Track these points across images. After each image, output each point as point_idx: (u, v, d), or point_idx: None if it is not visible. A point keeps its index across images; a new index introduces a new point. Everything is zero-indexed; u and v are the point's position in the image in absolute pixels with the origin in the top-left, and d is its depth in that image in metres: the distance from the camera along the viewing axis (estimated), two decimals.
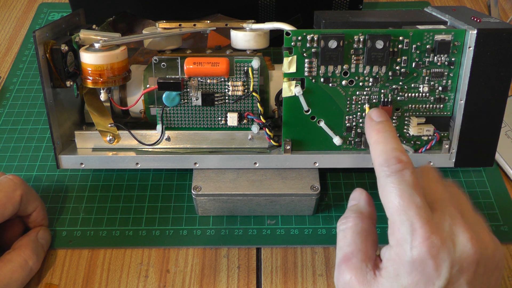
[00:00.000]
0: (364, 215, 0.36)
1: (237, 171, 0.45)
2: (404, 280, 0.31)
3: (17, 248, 0.40)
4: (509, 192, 0.48)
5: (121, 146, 0.45)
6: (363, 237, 0.35)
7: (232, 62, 0.42)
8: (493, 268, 0.32)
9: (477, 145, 0.43)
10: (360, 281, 0.33)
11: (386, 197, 0.33)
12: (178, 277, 0.42)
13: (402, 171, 0.33)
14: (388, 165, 0.33)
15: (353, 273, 0.33)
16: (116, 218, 0.46)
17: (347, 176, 0.49)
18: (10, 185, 0.40)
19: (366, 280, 0.33)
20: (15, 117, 0.55)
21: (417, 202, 0.32)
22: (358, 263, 0.34)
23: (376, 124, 0.37)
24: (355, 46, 0.40)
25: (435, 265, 0.30)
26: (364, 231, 0.35)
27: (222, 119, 0.44)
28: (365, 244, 0.35)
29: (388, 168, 0.33)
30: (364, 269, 0.33)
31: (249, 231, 0.45)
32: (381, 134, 0.36)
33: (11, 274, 0.38)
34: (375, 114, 0.38)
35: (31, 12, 0.70)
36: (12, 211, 0.40)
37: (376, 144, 0.35)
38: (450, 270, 0.30)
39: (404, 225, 0.31)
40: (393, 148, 0.34)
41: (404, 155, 0.33)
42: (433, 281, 0.30)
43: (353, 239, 0.35)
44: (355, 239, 0.35)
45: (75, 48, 0.44)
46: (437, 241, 0.31)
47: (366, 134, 0.38)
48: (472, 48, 0.40)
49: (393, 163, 0.33)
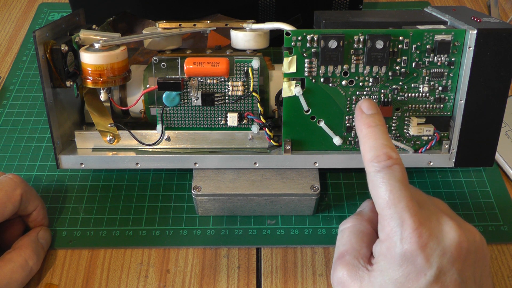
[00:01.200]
0: (364, 218, 0.37)
1: (237, 171, 0.45)
2: (395, 274, 0.31)
3: (17, 248, 0.40)
4: (509, 192, 0.48)
5: (121, 146, 0.45)
6: (358, 237, 0.36)
7: (232, 62, 0.42)
8: (482, 257, 0.33)
9: (477, 145, 0.43)
10: (352, 276, 0.33)
11: (375, 192, 0.33)
12: (178, 277, 0.42)
13: (391, 166, 0.33)
14: (378, 161, 0.33)
15: (346, 269, 0.34)
16: (116, 218, 0.46)
17: (347, 176, 0.49)
18: (10, 184, 0.40)
19: (358, 275, 0.33)
20: (15, 117, 0.55)
21: (406, 196, 0.32)
22: (351, 259, 0.34)
23: (367, 117, 0.36)
24: (355, 46, 0.40)
25: (425, 256, 0.31)
26: (360, 232, 0.36)
27: (222, 119, 0.44)
28: (360, 243, 0.35)
29: (378, 164, 0.33)
30: (356, 265, 0.34)
31: (249, 231, 0.45)
32: (371, 128, 0.36)
33: (11, 274, 0.38)
34: (365, 106, 0.37)
35: (31, 12, 0.70)
36: (12, 210, 0.40)
37: (366, 139, 0.35)
38: (440, 259, 0.31)
39: (394, 218, 0.32)
40: (383, 144, 0.34)
41: (394, 151, 0.34)
42: (424, 271, 0.31)
43: (349, 238, 0.36)
44: (351, 238, 0.36)
45: (75, 48, 0.44)
46: (425, 231, 0.31)
47: (356, 126, 0.37)
48: (472, 48, 0.40)
49: (383, 159, 0.33)
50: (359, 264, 0.34)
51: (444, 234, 0.32)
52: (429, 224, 0.32)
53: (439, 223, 0.32)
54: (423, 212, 0.32)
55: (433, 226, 0.32)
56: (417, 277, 0.31)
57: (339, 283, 0.34)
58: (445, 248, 0.31)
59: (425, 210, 0.33)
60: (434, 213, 0.33)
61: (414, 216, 0.31)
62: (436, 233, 0.31)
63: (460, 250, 0.31)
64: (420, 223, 0.31)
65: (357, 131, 0.37)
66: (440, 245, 0.31)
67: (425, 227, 0.31)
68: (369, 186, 0.34)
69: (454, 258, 0.31)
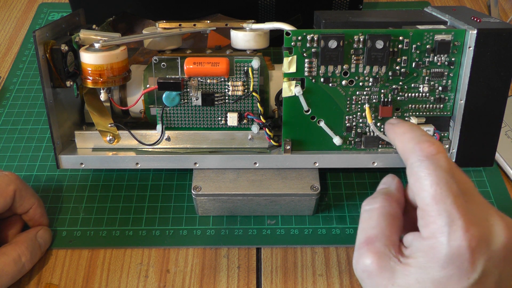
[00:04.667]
0: (393, 198, 0.34)
1: (237, 171, 0.45)
2: (436, 273, 0.29)
3: (13, 243, 0.41)
4: (509, 192, 0.48)
5: (121, 146, 0.45)
6: (389, 221, 0.33)
7: (232, 62, 0.42)
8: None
9: (477, 145, 0.43)
10: (382, 266, 0.31)
11: (419, 185, 0.31)
12: (178, 277, 0.42)
13: (436, 155, 0.31)
14: (421, 148, 0.31)
15: (375, 257, 0.31)
16: (116, 218, 0.46)
17: (347, 176, 0.49)
18: (4, 180, 0.41)
19: (389, 266, 0.31)
20: (15, 117, 0.55)
21: (454, 191, 0.30)
22: (382, 247, 0.31)
23: (398, 123, 0.37)
24: (355, 46, 0.40)
25: (472, 259, 0.28)
26: (391, 215, 0.33)
27: (222, 119, 0.44)
28: (390, 228, 0.32)
29: (421, 152, 0.31)
30: (387, 254, 0.31)
31: (249, 231, 0.45)
32: (406, 126, 0.35)
33: (2, 266, 0.39)
34: (393, 120, 0.39)
35: (31, 12, 0.70)
36: (3, 205, 0.40)
37: (404, 134, 0.34)
38: (486, 263, 0.29)
39: (442, 215, 0.29)
40: (422, 134, 0.33)
41: (436, 140, 0.32)
42: (467, 275, 0.29)
43: (379, 221, 0.33)
44: (381, 222, 0.33)
45: (75, 48, 0.44)
46: (476, 233, 0.29)
47: (389, 134, 0.37)
48: (472, 48, 0.40)
49: (427, 146, 0.31)
50: (390, 253, 0.31)
51: (494, 237, 0.29)
52: (479, 224, 0.29)
53: (489, 223, 0.30)
54: (472, 209, 0.30)
55: (484, 226, 0.29)
56: (460, 280, 0.29)
57: (365, 271, 0.31)
58: (493, 251, 0.29)
59: (473, 205, 0.30)
60: (483, 209, 0.30)
61: (465, 215, 0.29)
62: (487, 235, 0.29)
63: (506, 252, 0.29)
64: (471, 223, 0.29)
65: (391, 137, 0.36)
66: (489, 249, 0.29)
67: (476, 228, 0.29)
68: (411, 179, 0.31)
69: (500, 261, 0.29)
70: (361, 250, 0.32)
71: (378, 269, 0.31)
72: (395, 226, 0.33)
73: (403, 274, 0.30)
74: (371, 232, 0.32)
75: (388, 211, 0.33)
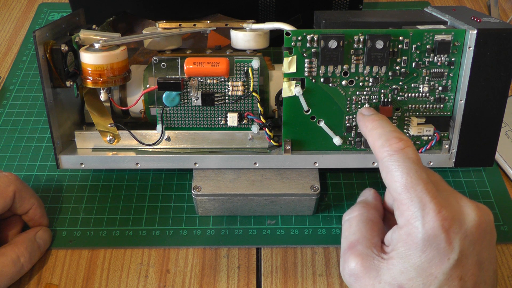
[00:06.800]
0: (370, 206, 0.36)
1: (237, 171, 0.45)
2: (417, 259, 0.30)
3: (12, 243, 0.41)
4: (509, 192, 0.48)
5: (121, 146, 0.45)
6: (369, 226, 0.34)
7: (232, 62, 0.42)
8: (494, 237, 0.32)
9: (477, 145, 0.43)
10: (366, 267, 0.32)
11: (390, 177, 0.32)
12: (178, 277, 0.42)
13: (404, 149, 0.32)
14: (390, 144, 0.33)
15: (359, 259, 0.32)
16: (116, 218, 0.46)
17: (347, 176, 0.49)
18: (4, 181, 0.41)
19: (374, 265, 0.32)
20: (15, 117, 0.55)
21: (424, 178, 0.31)
22: (364, 249, 0.33)
23: (369, 116, 0.38)
24: (355, 46, 0.40)
25: (448, 239, 0.30)
26: (370, 221, 0.35)
27: (222, 119, 0.44)
28: (370, 232, 0.34)
29: (390, 148, 0.32)
30: (370, 254, 0.32)
31: (249, 231, 0.45)
32: (376, 122, 0.36)
33: (1, 267, 0.39)
34: (365, 110, 0.39)
35: (31, 12, 0.70)
36: (3, 206, 0.40)
37: (373, 130, 0.35)
38: (462, 242, 0.30)
39: (414, 201, 0.31)
40: (391, 130, 0.34)
41: (404, 135, 0.33)
42: (447, 255, 0.30)
43: (359, 227, 0.34)
44: (361, 227, 0.34)
45: (75, 48, 0.44)
46: (448, 214, 0.30)
47: (361, 127, 0.38)
48: (472, 48, 0.40)
49: (395, 142, 0.33)
50: (372, 253, 0.32)
51: (466, 216, 0.31)
52: (450, 206, 0.31)
53: (459, 204, 0.31)
54: (442, 194, 0.31)
55: (454, 208, 0.31)
56: (441, 261, 0.30)
57: (352, 275, 0.32)
58: (467, 230, 0.30)
59: (443, 192, 0.32)
60: (451, 194, 0.32)
61: (435, 198, 0.30)
62: (458, 215, 0.31)
63: (480, 231, 0.31)
64: (441, 206, 0.30)
65: (363, 130, 0.37)
66: (462, 228, 0.30)
67: (447, 209, 0.30)
68: (383, 173, 0.33)
69: (475, 240, 0.30)
70: (345, 255, 0.33)
71: (363, 270, 0.32)
72: (375, 230, 0.34)
73: (387, 269, 0.31)
74: (352, 237, 0.34)
75: (366, 217, 0.35)
